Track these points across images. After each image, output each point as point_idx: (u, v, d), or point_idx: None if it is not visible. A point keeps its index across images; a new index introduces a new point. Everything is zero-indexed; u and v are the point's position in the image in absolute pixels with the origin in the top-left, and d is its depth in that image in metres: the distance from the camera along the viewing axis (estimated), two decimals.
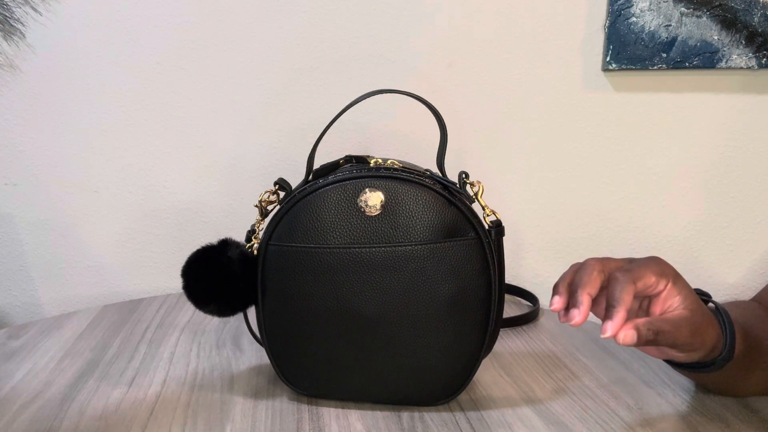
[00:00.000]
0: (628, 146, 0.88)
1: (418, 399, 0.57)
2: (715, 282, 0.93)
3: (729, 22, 0.81)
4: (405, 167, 0.54)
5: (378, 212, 0.52)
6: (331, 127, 0.56)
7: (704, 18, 0.81)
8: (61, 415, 0.55)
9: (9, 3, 0.51)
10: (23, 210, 0.86)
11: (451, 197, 0.52)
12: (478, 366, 0.56)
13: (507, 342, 0.72)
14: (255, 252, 0.56)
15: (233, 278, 0.54)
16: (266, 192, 0.57)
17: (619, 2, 0.81)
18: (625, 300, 0.48)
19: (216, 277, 0.54)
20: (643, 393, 0.60)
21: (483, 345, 0.55)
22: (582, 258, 0.54)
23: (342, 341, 0.54)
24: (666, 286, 0.51)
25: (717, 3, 0.80)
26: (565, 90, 0.86)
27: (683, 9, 0.81)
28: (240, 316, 0.59)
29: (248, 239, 0.57)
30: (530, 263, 0.92)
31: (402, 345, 0.53)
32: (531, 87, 0.86)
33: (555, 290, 0.52)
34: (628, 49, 0.82)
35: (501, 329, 0.71)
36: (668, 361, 0.57)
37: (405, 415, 0.55)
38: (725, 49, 0.82)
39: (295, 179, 0.62)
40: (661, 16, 0.81)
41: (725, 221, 0.91)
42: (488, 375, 0.63)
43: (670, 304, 0.51)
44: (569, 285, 0.52)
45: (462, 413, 0.56)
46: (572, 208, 0.91)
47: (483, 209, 0.55)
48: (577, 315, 0.49)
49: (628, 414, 0.56)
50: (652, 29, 0.81)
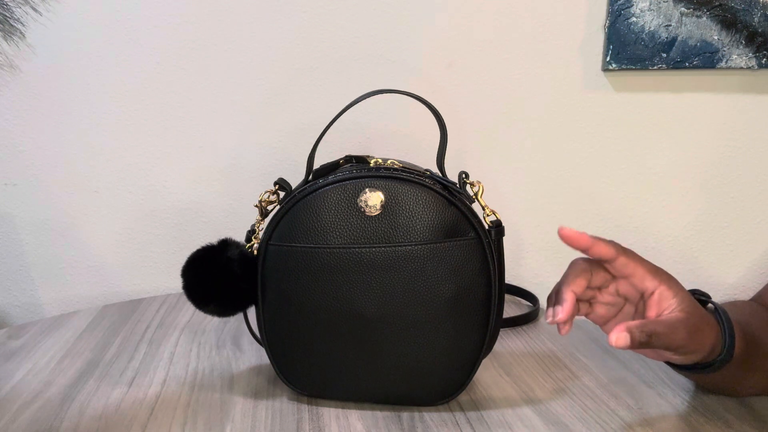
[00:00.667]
0: (628, 146, 0.88)
1: (418, 399, 0.56)
2: (715, 282, 0.93)
3: (729, 22, 0.81)
4: (405, 167, 0.54)
5: (378, 212, 0.52)
6: (331, 127, 0.56)
7: (704, 18, 0.81)
8: (61, 415, 0.55)
9: (9, 3, 0.51)
10: (23, 210, 0.86)
11: (451, 197, 0.52)
12: (478, 366, 0.56)
13: (507, 342, 0.72)
14: (255, 252, 0.56)
15: (233, 278, 0.54)
16: (266, 192, 0.57)
17: (619, 2, 0.81)
18: (569, 280, 0.50)
19: (216, 277, 0.54)
20: (643, 393, 0.60)
21: (483, 345, 0.55)
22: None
23: (342, 341, 0.54)
24: (657, 286, 0.50)
25: (717, 3, 0.80)
26: (565, 90, 0.86)
27: (683, 9, 0.81)
28: (240, 316, 0.59)
29: (248, 239, 0.57)
30: (530, 263, 0.92)
31: (402, 345, 0.53)
32: (531, 87, 0.86)
33: (548, 301, 0.52)
34: (628, 49, 0.82)
35: (501, 329, 0.71)
36: (668, 363, 0.56)
37: (405, 415, 0.55)
38: (725, 49, 0.82)
39: (295, 179, 0.61)
40: (661, 16, 0.81)
41: (725, 221, 0.91)
42: (488, 375, 0.63)
43: (666, 307, 0.50)
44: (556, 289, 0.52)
45: (462, 413, 0.56)
46: (572, 208, 0.91)
47: (483, 209, 0.55)
48: (560, 312, 0.49)
49: (628, 414, 0.56)
50: (652, 29, 0.81)
